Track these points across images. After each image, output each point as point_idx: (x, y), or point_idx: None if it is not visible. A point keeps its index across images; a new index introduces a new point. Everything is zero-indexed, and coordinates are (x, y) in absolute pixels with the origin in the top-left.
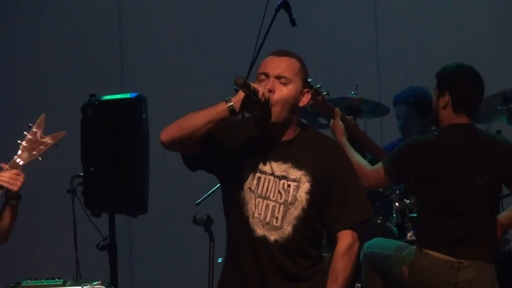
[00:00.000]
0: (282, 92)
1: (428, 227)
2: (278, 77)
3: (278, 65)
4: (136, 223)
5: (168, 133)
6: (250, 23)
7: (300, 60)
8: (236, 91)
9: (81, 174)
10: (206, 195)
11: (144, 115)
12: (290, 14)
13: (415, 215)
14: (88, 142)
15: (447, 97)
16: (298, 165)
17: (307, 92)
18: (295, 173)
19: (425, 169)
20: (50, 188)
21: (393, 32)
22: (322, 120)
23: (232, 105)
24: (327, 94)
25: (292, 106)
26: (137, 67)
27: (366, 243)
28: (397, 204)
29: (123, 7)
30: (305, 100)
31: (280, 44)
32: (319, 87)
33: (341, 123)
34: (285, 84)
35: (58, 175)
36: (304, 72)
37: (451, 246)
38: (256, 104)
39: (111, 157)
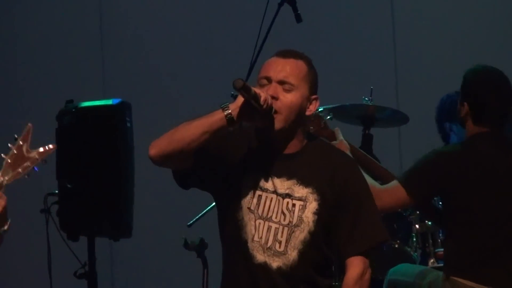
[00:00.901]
0: (286, 99)
1: (455, 250)
2: (281, 82)
3: (282, 68)
4: (119, 247)
5: (157, 147)
6: (249, 19)
7: (308, 62)
8: (234, 97)
9: (56, 191)
10: (199, 215)
11: (128, 124)
12: (295, 9)
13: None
14: (65, 155)
15: (466, 108)
16: (304, 182)
17: (315, 99)
18: (301, 191)
19: (452, 183)
20: (20, 208)
21: (413, 28)
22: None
23: (230, 113)
24: (331, 118)
25: (298, 115)
26: (121, 70)
27: (390, 270)
28: (417, 226)
29: (104, 5)
30: (312, 108)
31: (283, 43)
32: (321, 112)
33: (345, 142)
34: (289, 91)
35: (30, 192)
36: (312, 76)
37: (482, 271)
38: (257, 112)
39: (90, 172)
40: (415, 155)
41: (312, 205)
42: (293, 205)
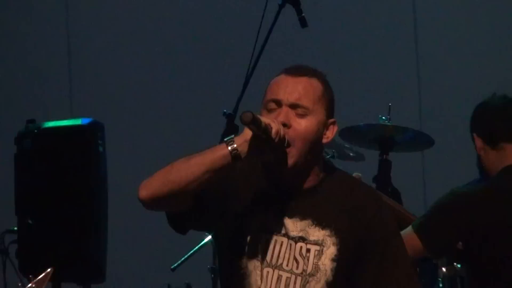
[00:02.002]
0: (300, 126)
1: None
2: (294, 106)
3: (293, 89)
4: None
5: (150, 188)
6: (244, 24)
7: (323, 80)
8: (226, 116)
9: (15, 228)
10: (184, 257)
11: (100, 149)
12: (299, 11)
13: None
14: (25, 185)
15: (479, 140)
16: (321, 223)
17: (333, 124)
18: (316, 234)
19: (477, 229)
20: None
21: (436, 38)
22: (350, 151)
23: (236, 149)
24: (332, 157)
25: (314, 144)
26: (90, 85)
27: None
28: (444, 269)
29: (71, 15)
30: (330, 135)
31: (285, 53)
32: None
33: None
34: (303, 116)
35: None
36: (329, 97)
37: None
38: (267, 146)
39: (55, 205)
40: (441, 185)
41: (330, 251)
42: (308, 250)
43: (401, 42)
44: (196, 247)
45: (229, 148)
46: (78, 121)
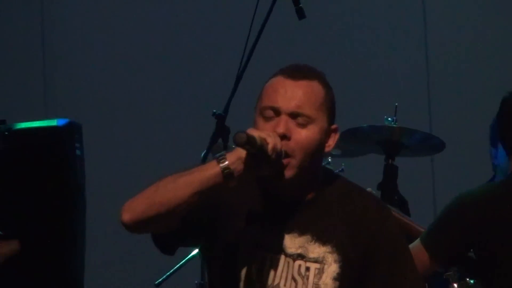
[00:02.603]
0: (302, 137)
1: None
2: (294, 115)
3: (293, 95)
4: None
5: (134, 211)
6: (236, 18)
7: (324, 82)
8: (216, 116)
9: None
10: (169, 272)
11: (78, 152)
12: (296, 1)
13: None
14: None
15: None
16: (321, 238)
17: (335, 130)
18: (316, 250)
19: (489, 236)
20: None
21: (447, 32)
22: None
23: (228, 167)
24: (343, 170)
25: (315, 154)
26: (67, 83)
27: None
28: (455, 285)
29: (46, 11)
30: (332, 143)
31: (280, 49)
32: (328, 163)
33: None
34: (304, 125)
35: None
36: (330, 101)
37: None
38: (263, 162)
39: (28, 215)
40: (453, 193)
41: (332, 269)
42: (307, 268)
43: (409, 37)
44: (183, 261)
45: (221, 166)
46: (53, 122)
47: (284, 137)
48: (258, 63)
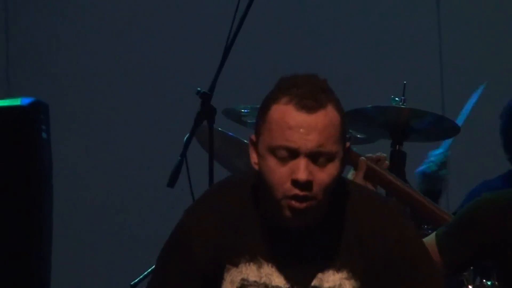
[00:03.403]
0: (324, 178)
1: None
2: (315, 156)
3: (312, 133)
4: None
5: None
6: None
7: (337, 101)
8: (200, 95)
9: None
10: (146, 272)
11: (44, 135)
12: None
13: None
14: None
15: None
16: (334, 264)
17: (348, 150)
18: (331, 278)
19: (506, 244)
20: None
21: (461, 6)
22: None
23: None
24: (349, 137)
25: (335, 187)
26: (32, 58)
27: None
28: (470, 287)
29: None
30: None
31: (273, 24)
32: None
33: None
34: (324, 165)
35: None
36: (345, 123)
37: None
38: None
39: None
40: (468, 181)
41: None
42: None
43: (420, 7)
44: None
45: None
46: (16, 101)
47: (307, 183)
48: (248, 35)
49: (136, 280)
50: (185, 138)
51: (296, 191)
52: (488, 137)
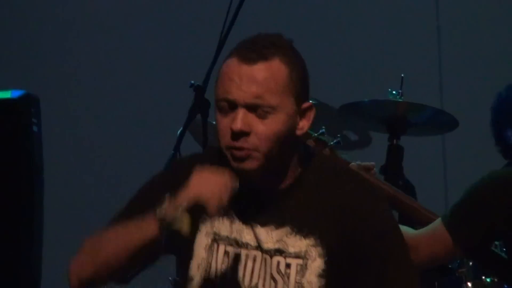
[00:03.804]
0: (262, 129)
1: None
2: (252, 107)
3: (249, 84)
4: None
5: (81, 276)
6: None
7: (288, 57)
8: (194, 87)
9: None
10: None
11: (35, 128)
12: None
13: None
14: None
15: None
16: (302, 230)
17: (309, 109)
18: (298, 244)
19: None
20: None
21: None
22: (350, 135)
23: (164, 220)
24: (339, 142)
25: (284, 141)
26: (21, 49)
27: None
28: (470, 284)
29: None
30: (305, 124)
31: (267, 14)
32: (323, 133)
33: None
34: (265, 116)
35: None
36: (297, 80)
37: None
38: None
39: None
40: (466, 176)
41: (316, 264)
42: (287, 265)
43: (417, 1)
44: None
45: (158, 218)
46: (6, 94)
47: (242, 133)
48: (242, 28)
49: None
50: (179, 132)
51: (234, 142)
52: (486, 133)
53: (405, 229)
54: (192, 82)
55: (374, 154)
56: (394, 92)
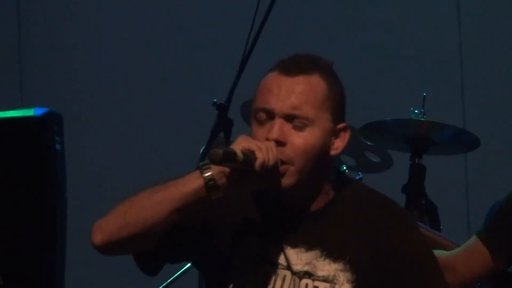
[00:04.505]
0: (299, 141)
1: None
2: (289, 118)
3: (288, 95)
4: None
5: (106, 231)
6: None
7: (327, 75)
8: (216, 106)
9: None
10: (165, 283)
11: (58, 146)
12: None
13: None
14: None
15: None
16: (332, 254)
17: (344, 129)
18: (326, 268)
19: None
20: None
21: (482, 16)
22: (372, 156)
23: (212, 178)
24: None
25: (318, 159)
26: (46, 68)
27: None
28: None
29: None
30: (340, 144)
31: (290, 33)
32: (344, 171)
33: None
34: (302, 128)
35: None
36: (335, 98)
37: None
38: (251, 177)
39: (2, 216)
40: (489, 196)
41: None
42: None
43: (441, 17)
44: (179, 272)
45: (204, 176)
46: (30, 112)
47: (278, 143)
48: (265, 46)
49: None
50: (201, 150)
51: None
52: (508, 152)
53: (439, 252)
54: (215, 100)
55: (396, 173)
56: (416, 111)
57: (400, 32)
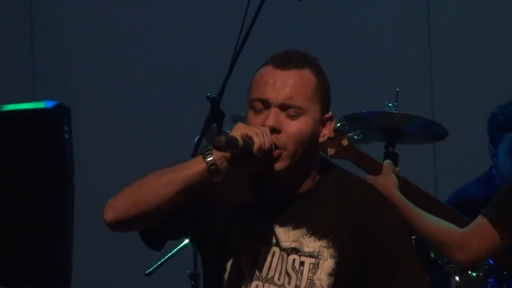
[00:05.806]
0: (293, 129)
1: None
2: (284, 107)
3: (283, 86)
4: None
5: (117, 210)
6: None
7: (316, 70)
8: (210, 100)
9: None
10: (160, 262)
11: (66, 136)
12: None
13: None
14: None
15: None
16: (317, 232)
17: (330, 119)
18: (311, 244)
19: None
20: None
21: (451, 15)
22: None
23: (214, 163)
24: (358, 135)
25: (308, 145)
26: (56, 64)
27: None
28: (457, 278)
29: None
30: (326, 132)
31: (279, 28)
32: (343, 124)
33: (394, 178)
34: (295, 117)
35: None
36: (323, 90)
37: None
38: (250, 160)
39: (13, 202)
40: (456, 181)
41: (327, 264)
42: (301, 263)
43: (411, 19)
44: (174, 250)
45: (207, 161)
46: (41, 104)
47: (274, 130)
48: (256, 42)
49: (150, 270)
50: (196, 139)
51: None
52: (476, 138)
53: (452, 227)
54: (208, 94)
55: None
56: (390, 104)
57: (375, 34)
